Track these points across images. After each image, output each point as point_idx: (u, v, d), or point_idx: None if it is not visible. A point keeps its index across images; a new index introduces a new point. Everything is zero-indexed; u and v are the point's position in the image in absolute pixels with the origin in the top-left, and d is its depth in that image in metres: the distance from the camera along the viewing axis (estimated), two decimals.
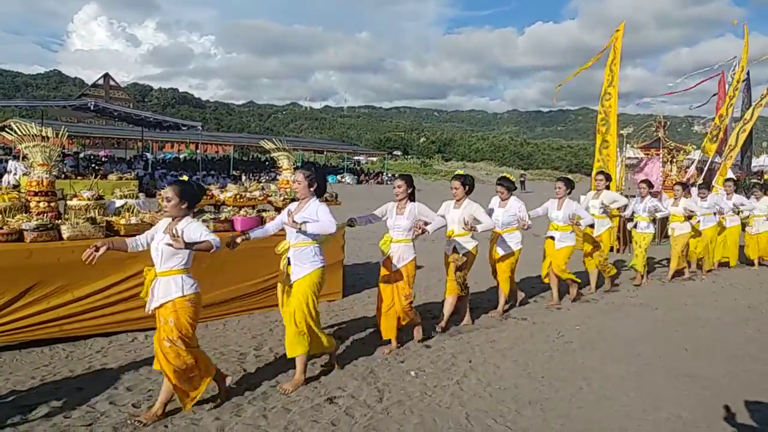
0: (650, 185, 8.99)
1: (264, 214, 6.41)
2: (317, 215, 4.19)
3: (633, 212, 8.59)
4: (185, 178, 3.99)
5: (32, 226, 4.85)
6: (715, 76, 16.14)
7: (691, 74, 16.10)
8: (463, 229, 5.60)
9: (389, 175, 42.54)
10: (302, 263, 4.21)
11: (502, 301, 6.54)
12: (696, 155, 14.70)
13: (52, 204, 5.56)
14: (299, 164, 6.29)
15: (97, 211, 5.73)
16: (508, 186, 6.48)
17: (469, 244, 5.79)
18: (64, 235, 5.01)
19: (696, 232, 9.56)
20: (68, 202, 6.05)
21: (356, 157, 53.48)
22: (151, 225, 5.42)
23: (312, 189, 4.33)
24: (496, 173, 59.72)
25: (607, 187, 8.31)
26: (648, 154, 15.26)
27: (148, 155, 35.66)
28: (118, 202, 6.42)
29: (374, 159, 55.36)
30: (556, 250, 6.95)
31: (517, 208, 6.39)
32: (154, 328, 3.70)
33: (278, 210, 6.75)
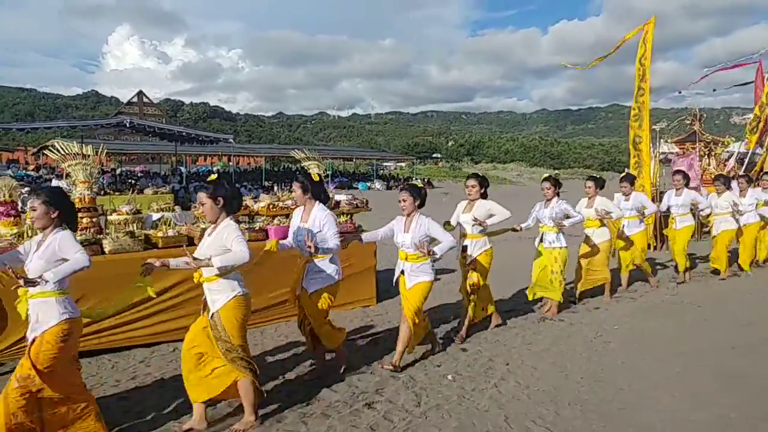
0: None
1: None
2: None
3: (538, 220, 6.53)
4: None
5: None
6: (752, 65, 15.71)
7: (724, 63, 15.72)
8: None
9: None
10: None
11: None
12: (735, 147, 14.29)
13: (94, 219, 5.76)
14: (329, 173, 6.09)
15: (135, 225, 5.89)
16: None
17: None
18: (106, 249, 5.17)
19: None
20: (108, 217, 6.23)
21: (385, 163, 53.62)
22: (187, 237, 5.55)
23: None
24: (527, 174, 59.20)
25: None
26: (683, 149, 14.93)
27: (182, 169, 36.42)
28: (155, 216, 6.57)
29: (403, 164, 55.42)
30: (409, 290, 4.90)
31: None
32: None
33: None
